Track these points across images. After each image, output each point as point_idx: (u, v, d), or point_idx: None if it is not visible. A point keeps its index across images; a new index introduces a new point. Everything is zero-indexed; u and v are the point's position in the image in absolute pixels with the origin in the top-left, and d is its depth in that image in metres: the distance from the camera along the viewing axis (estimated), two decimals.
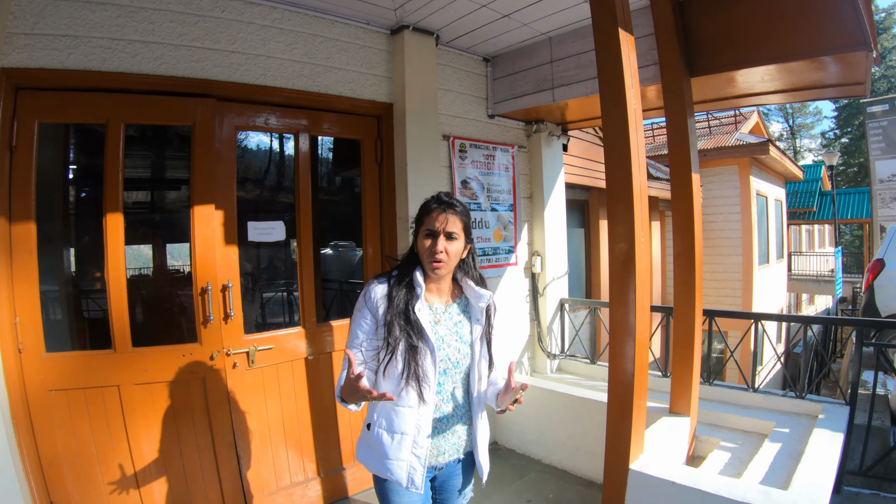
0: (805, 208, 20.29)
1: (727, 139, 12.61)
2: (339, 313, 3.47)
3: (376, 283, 1.73)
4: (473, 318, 1.80)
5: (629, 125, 2.33)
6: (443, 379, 1.73)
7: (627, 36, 2.39)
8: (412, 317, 1.66)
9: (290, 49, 2.91)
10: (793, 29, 2.77)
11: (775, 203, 14.53)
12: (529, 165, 4.40)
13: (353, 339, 1.72)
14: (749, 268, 11.58)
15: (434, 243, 1.68)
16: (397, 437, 1.67)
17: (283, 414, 2.98)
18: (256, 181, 3.27)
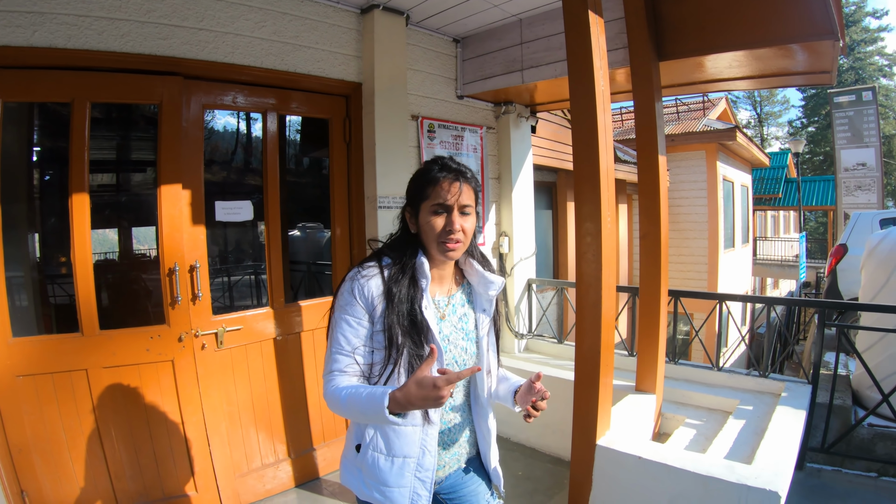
0: (771, 194, 21.38)
1: (695, 125, 13.22)
2: (308, 294, 3.62)
3: (367, 276, 1.47)
4: (479, 307, 1.64)
5: (597, 107, 2.50)
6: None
7: (597, 18, 2.55)
8: (418, 318, 1.46)
9: (259, 27, 3.02)
10: (762, 16, 2.95)
11: (741, 189, 15.33)
12: (498, 147, 4.61)
13: (343, 347, 1.46)
14: (714, 251, 12.19)
15: (449, 221, 1.47)
16: (398, 461, 1.47)
17: (253, 395, 3.14)
18: (224, 161, 3.36)
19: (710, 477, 2.35)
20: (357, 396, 1.36)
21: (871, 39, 37.21)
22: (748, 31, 3.00)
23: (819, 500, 3.23)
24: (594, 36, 2.51)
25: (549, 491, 3.25)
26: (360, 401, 1.35)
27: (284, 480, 3.26)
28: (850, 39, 36.00)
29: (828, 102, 17.03)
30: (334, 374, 1.46)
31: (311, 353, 3.41)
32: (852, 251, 7.14)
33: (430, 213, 1.48)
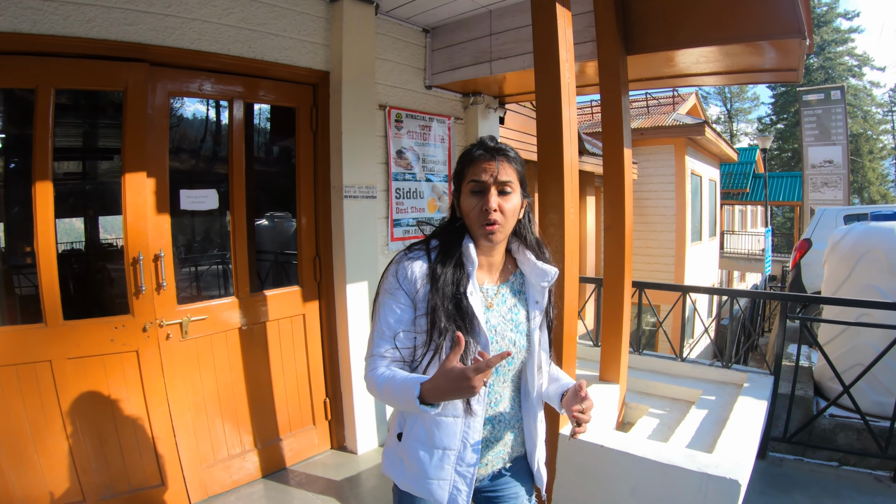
0: (739, 189, 22.30)
1: (664, 119, 13.72)
2: (276, 283, 3.72)
3: (412, 259, 1.49)
4: (532, 300, 1.60)
5: (562, 99, 2.63)
6: (493, 379, 1.55)
7: (565, 11, 2.69)
8: (464, 303, 1.45)
9: (227, 13, 3.10)
10: (730, 13, 3.13)
11: (709, 183, 15.94)
12: (466, 137, 4.77)
13: (384, 331, 1.48)
14: (682, 244, 12.65)
15: (485, 200, 1.46)
16: (438, 453, 1.48)
17: (219, 385, 3.24)
18: (191, 149, 3.42)
19: (671, 466, 2.45)
20: (392, 382, 1.38)
21: (842, 40, 39.47)
22: (716, 27, 3.16)
23: (781, 488, 3.42)
24: (561, 29, 2.64)
25: None
26: (395, 387, 1.36)
27: (251, 471, 3.38)
28: (820, 39, 38.21)
29: (797, 100, 17.77)
30: (374, 358, 1.47)
31: (276, 342, 3.52)
32: (816, 246, 7.54)
33: (467, 192, 1.50)
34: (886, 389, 3.70)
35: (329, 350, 3.80)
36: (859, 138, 37.36)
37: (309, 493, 3.28)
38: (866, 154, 37.72)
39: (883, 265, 3.95)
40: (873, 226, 4.27)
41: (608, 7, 3.28)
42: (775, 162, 40.80)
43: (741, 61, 3.57)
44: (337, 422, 3.83)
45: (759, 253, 18.09)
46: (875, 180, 38.17)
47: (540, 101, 2.74)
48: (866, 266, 4.08)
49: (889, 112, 40.71)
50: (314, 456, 3.72)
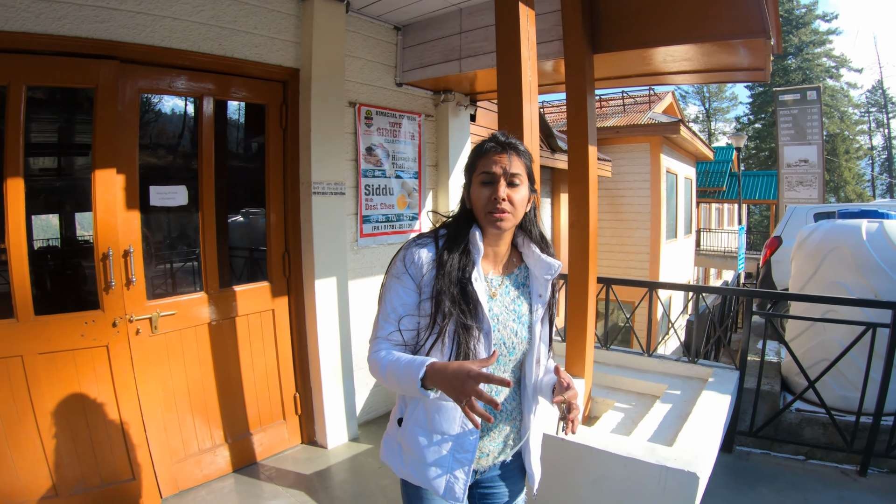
0: (715, 187, 23.12)
1: (640, 117, 14.19)
2: (250, 279, 3.88)
3: (420, 245, 1.60)
4: (535, 292, 1.69)
5: (523, 96, 2.80)
6: (495, 368, 1.62)
7: (528, 10, 2.86)
8: (469, 288, 1.54)
9: (198, 11, 3.25)
10: (697, 13, 3.30)
11: (685, 181, 16.53)
12: (436, 134, 4.99)
13: (389, 314, 1.58)
14: (657, 241, 13.13)
15: (495, 190, 1.56)
16: (437, 438, 1.56)
17: (189, 380, 3.39)
18: (161, 146, 3.54)
19: (631, 458, 2.57)
20: (397, 364, 1.46)
21: (820, 42, 41.53)
22: (683, 27, 3.34)
23: (747, 482, 3.62)
24: (524, 28, 2.80)
25: None
26: (399, 367, 1.44)
27: (222, 466, 3.54)
28: (799, 41, 40.06)
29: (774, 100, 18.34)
30: (379, 340, 1.57)
31: (246, 337, 3.69)
32: (786, 243, 7.87)
33: (478, 184, 1.59)
34: (852, 384, 3.91)
35: (298, 345, 3.97)
36: (836, 138, 39.03)
37: (279, 487, 3.45)
38: (843, 154, 39.31)
39: (848, 262, 4.17)
40: (839, 223, 4.50)
41: (575, 6, 3.44)
42: (753, 161, 42.42)
43: (709, 60, 3.77)
44: (307, 416, 4.01)
45: (735, 250, 18.70)
46: (851, 180, 39.75)
47: (502, 98, 2.90)
48: (832, 263, 4.30)
49: (866, 113, 42.81)
50: (285, 450, 3.89)
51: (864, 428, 3.69)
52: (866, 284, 4.05)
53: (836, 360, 3.73)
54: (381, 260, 4.58)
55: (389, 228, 4.60)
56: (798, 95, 17.74)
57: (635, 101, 16.95)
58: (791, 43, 41.17)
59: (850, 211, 4.88)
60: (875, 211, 4.69)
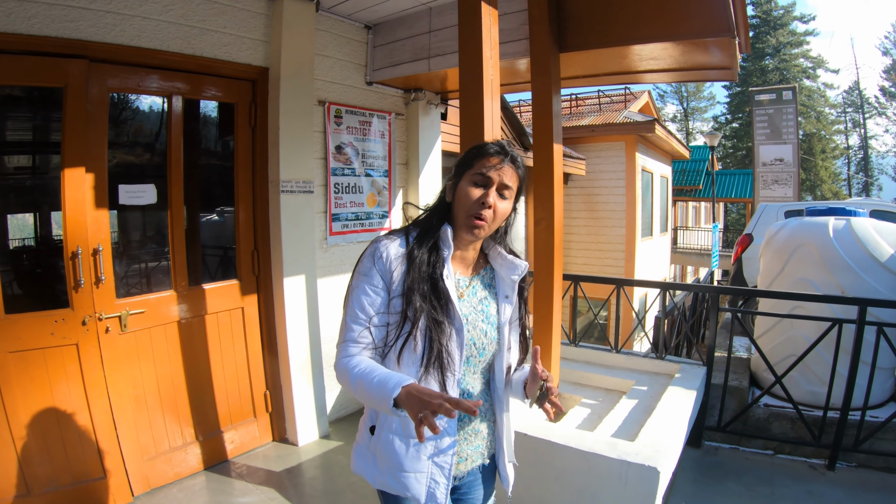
0: (691, 186, 23.92)
1: (616, 116, 14.63)
2: (220, 276, 4.00)
3: (389, 241, 1.60)
4: (501, 294, 1.73)
5: (484, 95, 2.91)
6: (465, 369, 1.64)
7: (490, 10, 2.98)
8: (440, 284, 1.56)
9: (167, 10, 3.37)
10: (663, 12, 3.45)
11: (661, 179, 17.07)
12: (407, 133, 5.17)
13: (358, 315, 1.57)
14: (632, 239, 13.61)
15: (485, 194, 1.58)
16: (414, 442, 1.56)
17: (159, 378, 3.51)
18: (131, 144, 3.63)
19: (592, 453, 2.67)
20: (367, 377, 1.44)
21: (798, 42, 43.56)
22: (649, 26, 3.50)
23: (714, 476, 3.78)
24: (486, 27, 2.92)
25: None
26: (370, 383, 1.42)
27: (193, 464, 3.67)
28: (776, 42, 41.88)
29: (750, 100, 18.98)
30: (347, 344, 1.57)
31: (215, 335, 3.82)
32: (757, 240, 8.17)
33: (469, 182, 1.60)
34: (819, 379, 4.09)
35: (268, 343, 4.11)
36: (812, 138, 40.64)
37: (249, 485, 3.59)
38: (819, 153, 40.88)
39: (815, 259, 4.36)
40: (806, 221, 4.69)
41: (541, 5, 3.58)
42: (730, 160, 43.96)
43: (678, 59, 3.94)
44: (278, 414, 4.15)
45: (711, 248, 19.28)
46: (827, 179, 41.26)
47: (463, 96, 3.02)
48: (799, 260, 4.49)
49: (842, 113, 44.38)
50: (256, 448, 4.03)
51: (832, 422, 3.86)
52: (833, 281, 4.24)
53: (803, 356, 3.92)
54: (350, 258, 4.72)
55: (359, 226, 4.77)
56: (774, 95, 18.40)
57: (611, 100, 17.39)
58: (769, 44, 42.76)
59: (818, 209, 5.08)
60: (843, 209, 4.90)
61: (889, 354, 3.79)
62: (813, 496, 3.52)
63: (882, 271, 4.17)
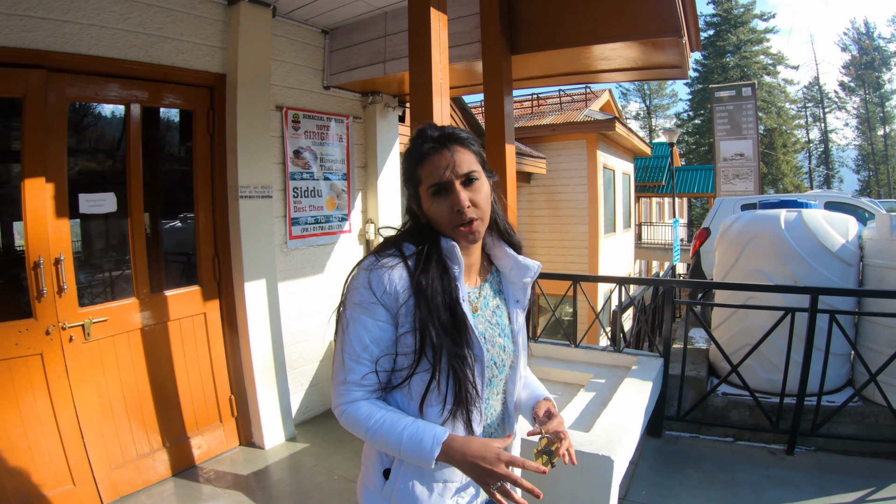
0: (654, 182, 24.92)
1: (577, 115, 15.31)
2: (182, 283, 4.17)
3: (388, 265, 1.40)
4: (512, 299, 1.59)
5: (433, 98, 3.13)
6: (488, 392, 1.52)
7: (440, 15, 3.22)
8: (459, 312, 1.40)
9: (125, 19, 3.55)
10: (611, 14, 3.72)
11: (623, 176, 17.88)
12: (365, 136, 5.42)
13: (360, 354, 1.40)
14: (595, 236, 14.24)
15: (453, 199, 1.40)
16: (439, 486, 1.44)
17: (123, 386, 3.66)
18: (91, 153, 3.76)
19: None
20: (391, 429, 1.36)
21: (758, 40, 46.16)
22: (599, 27, 3.76)
23: (675, 464, 4.01)
24: (434, 32, 3.16)
25: None
26: (399, 441, 1.34)
27: (161, 470, 3.83)
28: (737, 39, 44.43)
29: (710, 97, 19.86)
30: (349, 387, 1.42)
31: (178, 342, 3.98)
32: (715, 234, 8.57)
33: (430, 197, 1.43)
34: (775, 367, 4.36)
35: (231, 348, 4.30)
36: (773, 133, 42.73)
37: (217, 489, 3.76)
38: (780, 147, 42.92)
39: (767, 250, 4.65)
40: (758, 213, 4.99)
41: (493, 9, 3.86)
42: (693, 155, 45.96)
43: (629, 59, 4.23)
44: (243, 418, 4.34)
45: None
46: (789, 172, 43.27)
47: (414, 99, 3.24)
48: (752, 251, 4.78)
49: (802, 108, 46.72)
50: (223, 453, 4.21)
51: (790, 408, 4.11)
52: (785, 271, 4.53)
53: (757, 345, 4.18)
54: (311, 261, 4.96)
55: (319, 230, 4.99)
56: (733, 92, 19.32)
57: (572, 99, 18.08)
58: (729, 41, 45.04)
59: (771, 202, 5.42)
60: (794, 201, 5.26)
61: (843, 341, 4.06)
62: (772, 480, 3.74)
63: (833, 260, 4.47)
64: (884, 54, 44.70)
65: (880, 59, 44.49)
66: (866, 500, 3.51)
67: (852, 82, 45.75)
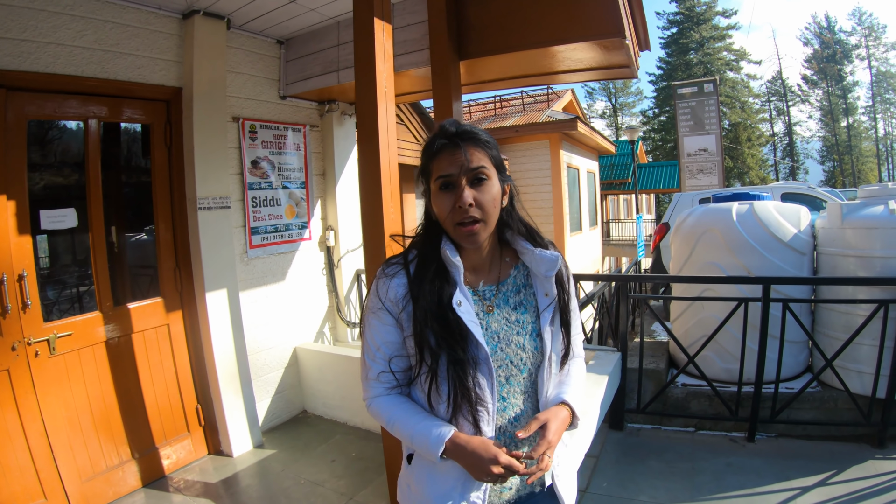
0: (621, 179, 25.76)
1: (539, 116, 15.86)
2: (144, 295, 4.33)
3: (391, 274, 1.56)
4: (540, 292, 1.61)
5: (378, 106, 3.24)
6: (507, 391, 1.55)
7: (384, 25, 3.36)
8: (451, 316, 1.47)
9: (81, 36, 3.73)
10: (558, 18, 3.90)
11: (587, 175, 18.50)
12: (322, 144, 5.67)
13: (375, 353, 1.58)
14: (561, 235, 14.78)
15: (458, 195, 1.46)
16: (444, 478, 1.54)
17: (91, 399, 3.83)
18: (52, 169, 3.88)
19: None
20: (405, 424, 1.53)
21: (720, 37, 48.72)
22: (546, 30, 3.96)
23: (636, 456, 4.26)
24: (379, 41, 3.28)
25: (379, 468, 4.12)
26: (411, 435, 1.51)
27: (131, 482, 4.01)
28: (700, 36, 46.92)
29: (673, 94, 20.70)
30: (370, 383, 1.61)
31: (143, 353, 4.17)
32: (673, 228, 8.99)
33: (437, 191, 1.50)
34: (732, 356, 4.64)
35: (196, 358, 4.49)
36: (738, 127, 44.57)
37: (187, 498, 3.95)
38: (745, 142, 44.72)
39: (720, 242, 4.95)
40: (711, 207, 5.31)
41: (441, 16, 4.06)
42: (659, 152, 47.85)
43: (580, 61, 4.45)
44: (211, 427, 4.54)
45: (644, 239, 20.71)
46: (754, 165, 45.05)
47: (360, 106, 3.37)
48: (705, 244, 5.09)
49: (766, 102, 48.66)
50: (192, 462, 4.41)
51: (749, 396, 4.39)
52: (738, 262, 4.83)
53: (712, 336, 4.49)
54: (272, 269, 5.19)
55: (279, 238, 5.22)
56: (695, 88, 20.19)
57: (535, 101, 18.60)
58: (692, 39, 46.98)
59: (724, 195, 5.73)
60: (747, 193, 5.56)
61: (798, 328, 4.35)
62: (733, 468, 3.99)
63: (786, 250, 4.78)
64: (845, 47, 47.03)
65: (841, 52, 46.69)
66: (826, 484, 3.75)
67: (815, 75, 47.94)
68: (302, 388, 5.36)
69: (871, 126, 48.29)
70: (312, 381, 5.33)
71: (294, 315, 5.43)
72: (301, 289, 5.49)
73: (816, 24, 48.79)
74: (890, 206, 4.31)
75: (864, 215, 4.44)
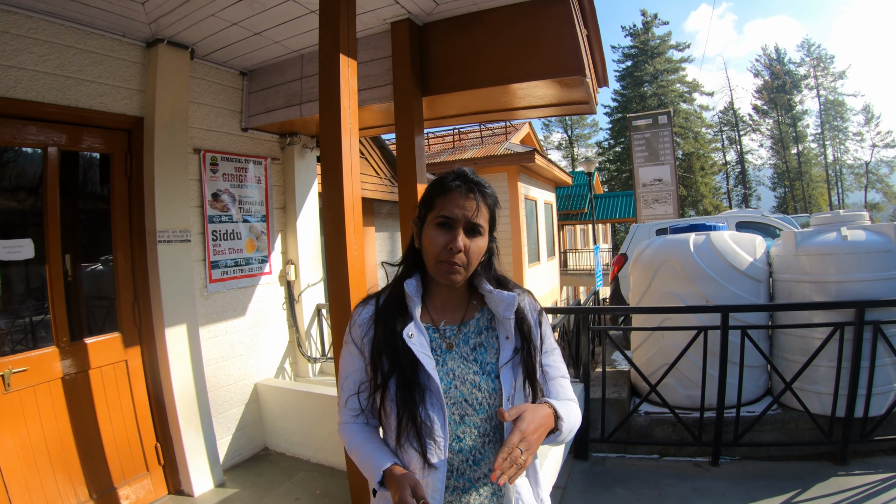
0: (577, 210, 26.63)
1: (497, 148, 16.45)
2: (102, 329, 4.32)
3: (362, 304, 1.69)
4: (502, 335, 1.66)
5: (342, 141, 3.38)
6: (462, 431, 1.57)
7: (349, 61, 3.50)
8: (400, 345, 1.54)
9: (43, 61, 3.77)
10: (517, 57, 4.07)
11: (545, 206, 19.19)
12: (283, 177, 5.76)
13: (343, 382, 1.70)
14: (519, 266, 15.19)
15: (452, 238, 1.54)
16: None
17: (47, 437, 3.80)
18: (9, 197, 3.92)
19: None
20: (360, 450, 1.61)
21: (674, 69, 51.34)
22: (507, 68, 4.13)
23: (602, 484, 4.36)
24: (344, 77, 3.41)
25: None
26: (361, 461, 1.59)
27: None
28: (654, 69, 49.30)
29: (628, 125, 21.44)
30: (342, 410, 1.72)
31: (100, 390, 4.14)
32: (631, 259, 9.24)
33: (433, 226, 1.57)
34: (693, 383, 4.84)
35: (155, 395, 4.47)
36: (692, 157, 46.46)
37: None
38: (698, 171, 46.69)
39: (678, 273, 5.17)
40: (669, 238, 5.53)
41: (405, 52, 4.23)
42: (615, 182, 49.60)
43: (541, 97, 4.62)
44: (170, 466, 4.50)
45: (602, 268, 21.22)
46: (708, 193, 47.18)
47: (324, 140, 3.49)
48: (664, 275, 5.30)
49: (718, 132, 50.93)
50: (152, 503, 4.35)
51: (711, 422, 4.58)
52: (697, 292, 5.04)
53: (673, 364, 4.65)
54: (232, 304, 5.21)
55: (239, 272, 5.25)
56: (650, 120, 21.01)
57: (493, 133, 19.20)
58: (647, 72, 49.27)
59: (681, 226, 5.97)
60: (703, 224, 5.81)
61: (758, 353, 4.59)
62: (698, 492, 4.13)
63: (742, 278, 5.02)
64: (794, 77, 49.20)
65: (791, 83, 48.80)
66: (792, 502, 3.94)
67: (765, 105, 50.23)
68: (263, 424, 5.36)
69: (820, 153, 50.79)
70: (274, 417, 5.33)
71: (254, 350, 5.45)
72: (261, 323, 5.52)
73: (766, 56, 51.41)
74: (842, 233, 4.59)
75: (817, 242, 4.72)
